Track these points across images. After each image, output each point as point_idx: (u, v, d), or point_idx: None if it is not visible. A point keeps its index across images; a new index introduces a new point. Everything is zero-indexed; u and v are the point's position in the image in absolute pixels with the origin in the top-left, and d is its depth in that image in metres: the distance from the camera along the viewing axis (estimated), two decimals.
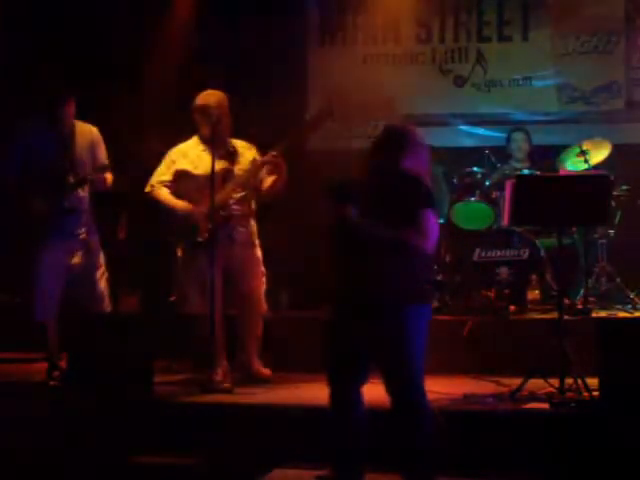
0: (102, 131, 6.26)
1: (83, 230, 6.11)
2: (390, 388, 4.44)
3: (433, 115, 8.29)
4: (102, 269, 6.17)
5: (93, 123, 6.25)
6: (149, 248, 7.48)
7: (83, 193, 6.15)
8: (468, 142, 8.35)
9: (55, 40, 7.76)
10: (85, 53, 7.71)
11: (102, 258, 6.19)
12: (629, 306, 7.00)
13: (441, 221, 7.26)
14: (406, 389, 4.43)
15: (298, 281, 7.55)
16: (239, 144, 6.12)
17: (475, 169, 7.46)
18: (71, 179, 6.05)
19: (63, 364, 5.93)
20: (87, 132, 6.19)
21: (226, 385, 5.85)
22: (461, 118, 8.38)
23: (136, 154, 6.49)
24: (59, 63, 7.32)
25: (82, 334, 5.60)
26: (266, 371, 6.13)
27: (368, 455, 4.54)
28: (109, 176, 6.20)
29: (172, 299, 6.76)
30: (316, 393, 5.41)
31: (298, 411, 5.35)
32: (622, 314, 6.82)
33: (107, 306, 6.17)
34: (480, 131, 8.35)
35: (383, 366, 4.46)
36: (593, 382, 5.22)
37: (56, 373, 6.03)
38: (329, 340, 4.54)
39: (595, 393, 5.21)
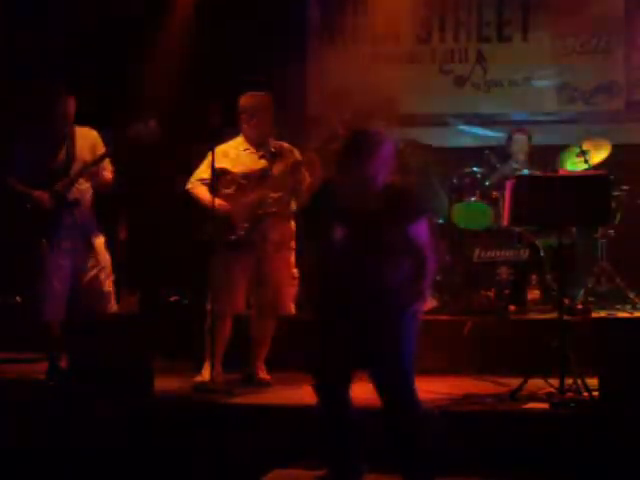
0: (100, 131, 6.27)
1: (86, 226, 6.12)
2: (383, 388, 4.44)
3: (433, 115, 8.30)
4: (108, 270, 6.18)
5: (92, 123, 6.25)
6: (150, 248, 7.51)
7: (85, 185, 6.17)
8: (468, 142, 8.36)
9: (55, 41, 7.77)
10: (84, 54, 7.73)
11: (108, 259, 6.20)
12: (629, 306, 7.00)
13: (441, 221, 7.28)
14: (400, 389, 4.43)
15: (299, 281, 7.55)
16: (284, 146, 6.11)
17: (475, 169, 7.46)
18: (73, 171, 6.07)
19: (63, 364, 5.93)
20: (87, 135, 6.20)
21: (225, 386, 5.85)
22: (461, 118, 8.39)
23: (136, 154, 6.47)
24: (58, 63, 7.34)
25: (82, 334, 5.60)
26: (267, 377, 6.09)
27: (368, 455, 4.54)
28: (109, 167, 6.19)
29: (172, 299, 6.78)
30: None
31: (298, 411, 5.35)
32: (622, 314, 6.82)
33: (113, 307, 6.19)
34: (480, 131, 8.35)
35: (377, 366, 4.46)
36: (593, 382, 5.22)
37: (56, 373, 6.04)
38: (318, 340, 4.53)
39: (595, 393, 5.21)
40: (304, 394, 5.68)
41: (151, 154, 6.98)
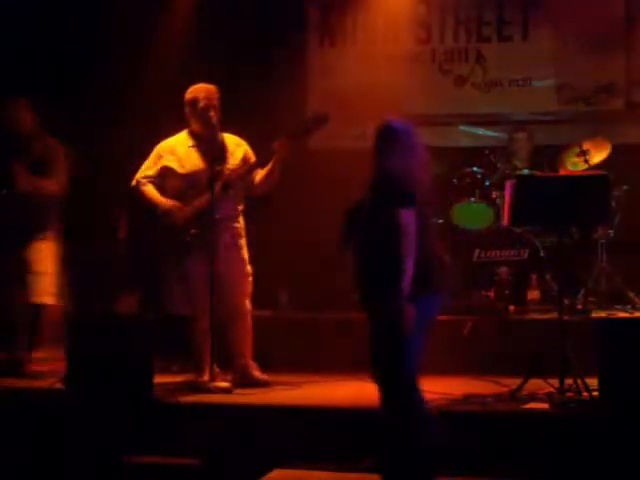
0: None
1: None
2: (380, 387, 4.45)
3: (433, 115, 8.28)
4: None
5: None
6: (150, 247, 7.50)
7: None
8: (468, 142, 8.35)
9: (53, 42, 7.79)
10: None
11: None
12: (629, 306, 6.99)
13: (440, 221, 7.27)
14: (391, 388, 4.42)
15: (298, 281, 7.55)
16: (229, 139, 6.04)
17: (475, 169, 7.45)
18: None
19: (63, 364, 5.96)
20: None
21: (223, 385, 5.85)
22: (461, 118, 8.37)
23: (136, 153, 6.47)
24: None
25: (82, 334, 5.60)
26: (263, 376, 6.04)
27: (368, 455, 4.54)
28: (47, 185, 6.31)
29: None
30: (315, 393, 5.43)
31: (298, 411, 5.35)
32: (622, 314, 6.81)
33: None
34: (480, 131, 8.34)
35: (375, 366, 4.48)
36: (593, 382, 5.22)
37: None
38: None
39: (595, 393, 5.21)
40: (304, 394, 5.71)
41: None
